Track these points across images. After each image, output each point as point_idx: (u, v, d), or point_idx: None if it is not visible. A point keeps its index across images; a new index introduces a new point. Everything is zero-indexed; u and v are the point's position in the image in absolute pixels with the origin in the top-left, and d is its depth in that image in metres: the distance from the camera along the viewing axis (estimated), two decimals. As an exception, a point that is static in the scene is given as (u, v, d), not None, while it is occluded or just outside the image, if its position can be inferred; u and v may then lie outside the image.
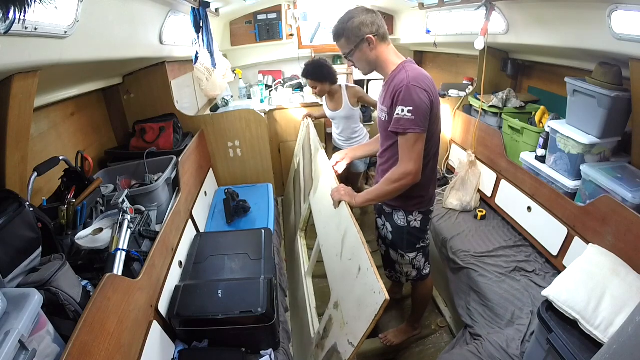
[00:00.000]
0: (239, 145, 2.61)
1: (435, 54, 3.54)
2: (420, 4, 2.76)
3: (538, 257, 1.86)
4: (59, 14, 1.00)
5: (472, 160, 2.37)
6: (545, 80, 2.28)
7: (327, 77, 2.38)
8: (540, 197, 1.81)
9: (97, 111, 2.13)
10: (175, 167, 1.91)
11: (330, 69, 2.39)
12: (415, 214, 1.53)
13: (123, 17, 1.47)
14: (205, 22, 2.22)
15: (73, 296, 0.95)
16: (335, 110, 2.52)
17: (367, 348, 1.99)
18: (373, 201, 1.44)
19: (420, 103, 1.25)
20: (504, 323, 1.57)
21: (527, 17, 1.88)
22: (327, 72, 2.37)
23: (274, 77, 3.78)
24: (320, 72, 2.37)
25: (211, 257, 1.68)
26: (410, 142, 1.28)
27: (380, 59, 1.38)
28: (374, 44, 1.34)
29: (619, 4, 1.32)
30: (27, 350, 0.71)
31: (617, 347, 0.62)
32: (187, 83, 2.81)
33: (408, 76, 1.28)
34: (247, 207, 2.22)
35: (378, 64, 1.40)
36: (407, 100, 1.25)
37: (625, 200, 1.38)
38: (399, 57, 1.40)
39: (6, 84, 1.01)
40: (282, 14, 3.52)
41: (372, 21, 1.33)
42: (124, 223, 1.28)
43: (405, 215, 1.54)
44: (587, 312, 1.12)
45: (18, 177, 1.19)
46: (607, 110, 1.51)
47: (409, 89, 1.25)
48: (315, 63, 2.40)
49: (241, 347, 1.37)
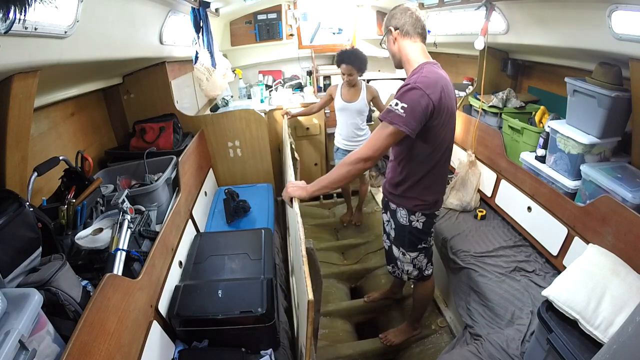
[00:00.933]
0: (239, 145, 2.61)
1: (435, 54, 3.49)
2: (420, 4, 2.76)
3: (538, 257, 1.86)
4: (59, 14, 1.00)
5: (472, 160, 2.37)
6: (545, 80, 2.28)
7: (363, 68, 2.49)
8: (540, 197, 1.81)
9: (97, 111, 2.13)
10: (175, 167, 1.91)
11: (367, 62, 2.50)
12: (418, 215, 1.53)
13: (123, 17, 1.47)
14: (205, 22, 2.22)
15: (73, 296, 0.95)
16: (350, 101, 2.56)
17: (367, 348, 1.99)
18: (326, 187, 1.36)
19: (416, 105, 1.23)
20: (504, 323, 1.57)
21: (527, 17, 1.88)
22: (365, 63, 2.48)
23: (274, 77, 3.78)
24: (361, 62, 2.46)
25: (211, 257, 1.68)
26: (385, 134, 1.27)
27: (402, 53, 1.41)
28: (392, 35, 1.40)
29: (619, 4, 1.31)
30: (27, 350, 0.71)
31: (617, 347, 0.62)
32: (187, 83, 2.81)
33: (418, 78, 1.27)
34: (247, 207, 2.22)
35: (402, 59, 1.43)
36: (404, 97, 1.24)
37: (625, 200, 1.37)
38: (424, 58, 1.39)
39: (6, 84, 1.01)
40: (282, 14, 3.52)
41: (400, 17, 1.39)
42: (124, 223, 1.28)
43: (408, 214, 1.53)
44: (587, 312, 1.12)
45: (18, 177, 1.20)
46: (607, 110, 1.51)
47: (411, 88, 1.25)
48: (358, 52, 2.48)
49: (241, 347, 1.37)
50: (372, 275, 2.60)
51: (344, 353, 1.96)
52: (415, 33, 1.39)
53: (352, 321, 2.29)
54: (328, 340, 2.08)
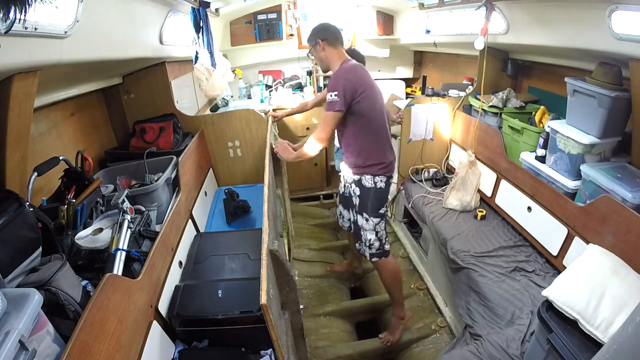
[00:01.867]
0: (239, 145, 2.61)
1: (435, 54, 3.54)
2: (420, 4, 2.77)
3: (538, 257, 1.86)
4: (59, 13, 1.00)
5: (472, 160, 2.37)
6: (545, 80, 2.28)
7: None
8: (540, 197, 1.81)
9: (97, 111, 2.13)
10: (175, 167, 1.91)
11: (365, 62, 2.53)
12: (381, 177, 1.85)
13: (123, 17, 1.47)
14: (205, 22, 2.22)
15: (73, 296, 0.95)
16: None
17: (367, 348, 2.00)
18: (299, 157, 1.86)
19: (341, 89, 1.64)
20: (504, 323, 1.57)
21: (527, 17, 1.88)
22: (363, 63, 2.50)
23: (274, 77, 3.78)
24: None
25: (211, 257, 1.68)
26: (329, 119, 1.71)
27: (328, 58, 1.82)
28: (320, 46, 1.80)
29: (619, 4, 1.31)
30: (27, 350, 0.71)
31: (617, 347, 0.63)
32: (187, 83, 2.81)
33: (339, 71, 1.74)
34: (247, 207, 2.22)
35: (329, 63, 1.83)
36: (332, 87, 1.67)
37: (625, 200, 1.37)
38: (343, 58, 1.81)
39: (6, 84, 1.01)
40: (282, 14, 3.52)
41: (325, 31, 1.81)
42: (124, 223, 1.28)
43: (372, 177, 1.84)
44: (587, 312, 1.12)
45: (18, 177, 1.20)
46: (607, 110, 1.51)
47: (335, 78, 1.70)
48: (355, 52, 2.53)
49: (241, 347, 1.37)
50: (372, 275, 2.60)
51: (344, 353, 1.97)
52: (337, 42, 1.81)
53: (352, 321, 2.29)
54: (328, 340, 2.08)
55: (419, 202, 2.54)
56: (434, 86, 2.92)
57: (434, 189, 2.60)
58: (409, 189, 2.71)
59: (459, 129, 2.60)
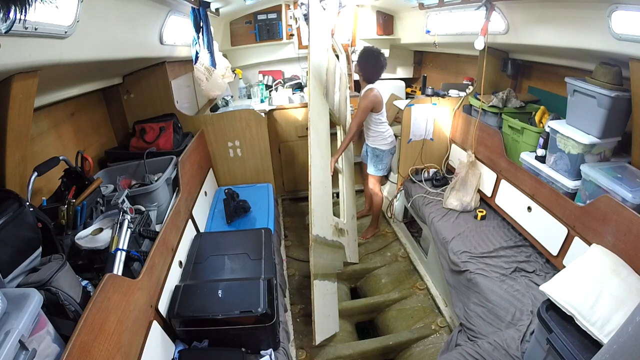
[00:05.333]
0: (239, 145, 2.61)
1: (435, 54, 3.54)
2: (420, 4, 2.76)
3: (538, 257, 1.86)
4: (59, 14, 1.00)
5: (472, 161, 2.37)
6: (545, 80, 2.28)
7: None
8: (540, 197, 1.81)
9: (97, 111, 2.13)
10: (175, 167, 1.91)
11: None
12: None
13: (123, 17, 1.47)
14: (205, 22, 2.22)
15: (73, 296, 0.95)
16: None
17: (367, 348, 1.99)
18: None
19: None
20: (504, 324, 1.57)
21: (527, 17, 1.88)
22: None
23: (274, 77, 3.78)
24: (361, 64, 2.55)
25: (211, 257, 1.68)
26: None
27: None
28: None
29: (619, 4, 1.31)
30: (27, 350, 0.71)
31: (617, 347, 0.63)
32: (187, 83, 2.81)
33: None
34: (247, 207, 2.22)
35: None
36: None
37: (625, 200, 1.37)
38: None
39: (6, 84, 1.02)
40: (282, 14, 3.52)
41: None
42: (124, 223, 1.28)
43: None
44: (583, 308, 1.12)
45: (18, 177, 1.20)
46: (607, 110, 1.51)
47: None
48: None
49: (241, 347, 1.37)
50: (372, 276, 2.60)
51: (344, 353, 1.96)
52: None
53: (352, 321, 2.29)
54: (328, 340, 2.08)
55: (419, 202, 2.54)
56: (434, 86, 2.92)
57: (434, 189, 2.60)
58: (409, 189, 2.71)
59: (459, 129, 2.60)
